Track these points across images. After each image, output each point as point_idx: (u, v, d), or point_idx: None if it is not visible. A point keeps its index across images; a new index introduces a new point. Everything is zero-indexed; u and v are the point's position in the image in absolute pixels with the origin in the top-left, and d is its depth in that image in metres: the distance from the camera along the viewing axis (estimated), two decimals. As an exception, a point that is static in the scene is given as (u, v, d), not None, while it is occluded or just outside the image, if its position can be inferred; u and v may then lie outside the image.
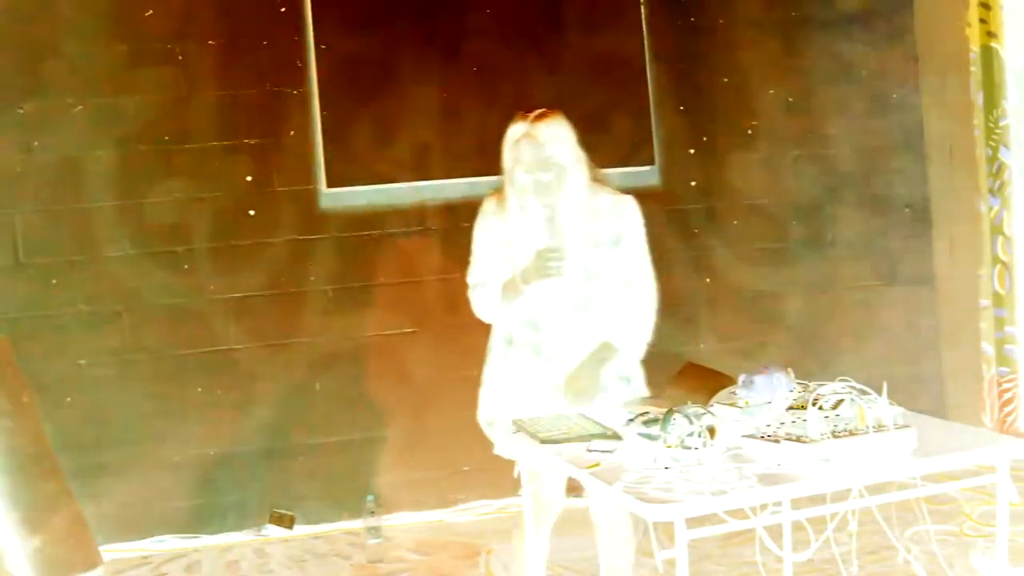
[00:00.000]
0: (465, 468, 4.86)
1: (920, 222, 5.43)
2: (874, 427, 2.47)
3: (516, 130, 2.95)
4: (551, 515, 3.10)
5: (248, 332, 4.78)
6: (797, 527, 2.97)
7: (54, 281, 4.61)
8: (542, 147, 2.92)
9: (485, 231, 3.10)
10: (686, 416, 2.53)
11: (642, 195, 5.07)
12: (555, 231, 3.00)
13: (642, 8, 5.08)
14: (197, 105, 4.73)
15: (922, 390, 5.26)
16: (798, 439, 2.45)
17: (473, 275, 3.13)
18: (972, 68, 4.94)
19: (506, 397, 3.08)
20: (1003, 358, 4.96)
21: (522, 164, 2.93)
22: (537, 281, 2.97)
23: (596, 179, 3.05)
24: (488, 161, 3.10)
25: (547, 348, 3.03)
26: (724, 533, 2.40)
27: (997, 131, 4.86)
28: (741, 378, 2.90)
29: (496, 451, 3.13)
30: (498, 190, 3.07)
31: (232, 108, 4.76)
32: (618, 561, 3.15)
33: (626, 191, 3.10)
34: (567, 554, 3.24)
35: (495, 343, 3.14)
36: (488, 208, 3.10)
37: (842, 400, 2.58)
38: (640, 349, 3.11)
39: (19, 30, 4.55)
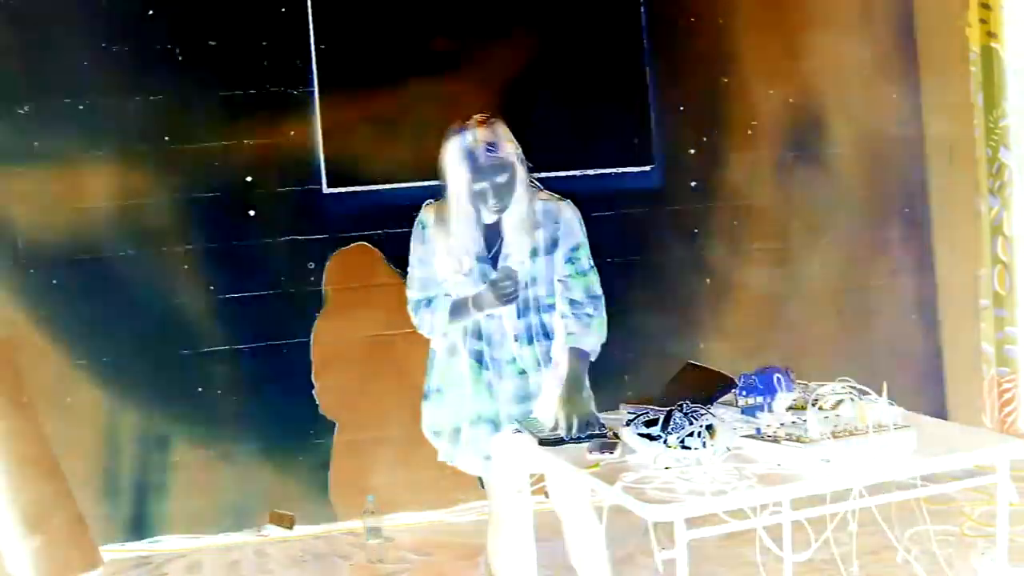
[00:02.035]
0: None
1: (920, 222, 5.43)
2: (874, 427, 2.47)
3: (466, 138, 2.90)
4: (525, 516, 3.09)
5: (248, 332, 4.78)
6: (797, 527, 2.97)
7: (54, 281, 4.61)
8: (496, 150, 2.89)
9: (424, 243, 3.04)
10: (686, 416, 2.53)
11: (642, 195, 5.19)
12: (496, 239, 2.99)
13: (642, 8, 5.08)
14: (197, 105, 4.73)
15: (922, 390, 5.27)
16: (798, 439, 2.45)
17: (414, 290, 3.07)
18: (972, 68, 4.94)
19: (451, 407, 3.06)
20: (1003, 358, 4.95)
21: (479, 171, 2.89)
22: (491, 309, 2.96)
23: (530, 183, 3.02)
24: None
25: (489, 355, 3.01)
26: (724, 533, 2.40)
27: (997, 131, 4.86)
28: (741, 378, 2.90)
29: (440, 459, 3.12)
30: (431, 203, 3.05)
31: (232, 108, 4.76)
32: (589, 549, 3.13)
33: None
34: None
35: (436, 354, 3.11)
36: (427, 219, 3.05)
37: (842, 400, 2.58)
38: (595, 352, 3.06)
39: (19, 30, 4.55)
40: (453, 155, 2.93)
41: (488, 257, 3.00)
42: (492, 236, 3.02)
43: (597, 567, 3.12)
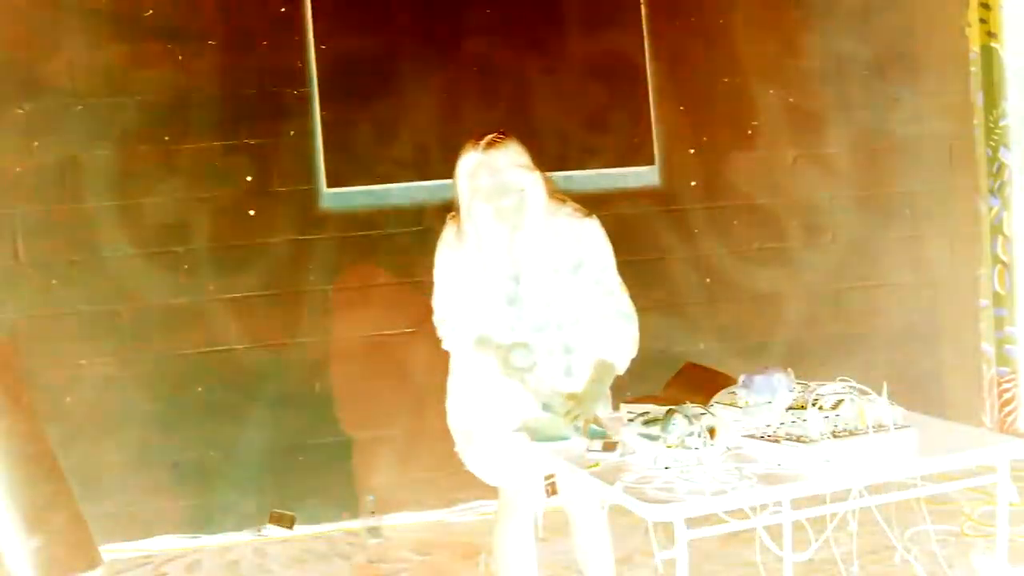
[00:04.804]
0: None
1: (920, 222, 5.43)
2: (874, 427, 2.48)
3: (469, 160, 2.88)
4: (531, 514, 3.09)
5: (248, 332, 4.78)
6: (797, 527, 2.97)
7: (54, 281, 4.61)
8: (500, 173, 2.86)
9: (447, 264, 3.03)
10: (686, 416, 2.53)
11: (642, 195, 5.18)
12: (514, 259, 2.97)
13: (642, 8, 5.08)
14: (197, 105, 4.72)
15: (922, 390, 5.26)
16: (798, 439, 2.46)
17: (441, 310, 3.07)
18: (972, 68, 4.95)
19: (470, 408, 3.09)
20: (1003, 358, 4.96)
21: (481, 193, 2.87)
22: (508, 374, 2.95)
23: (555, 196, 2.99)
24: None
25: (511, 366, 2.99)
26: (724, 533, 2.40)
27: (997, 131, 4.87)
28: (741, 378, 2.90)
29: (457, 449, 3.16)
30: (455, 215, 3.02)
31: (232, 108, 4.75)
32: (596, 549, 3.13)
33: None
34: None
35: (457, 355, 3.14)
36: (449, 238, 3.03)
37: (842, 400, 2.58)
38: (625, 365, 3.06)
39: (19, 30, 4.55)
40: (461, 176, 2.91)
41: (511, 276, 2.98)
42: (517, 255, 2.99)
43: (603, 567, 3.13)
